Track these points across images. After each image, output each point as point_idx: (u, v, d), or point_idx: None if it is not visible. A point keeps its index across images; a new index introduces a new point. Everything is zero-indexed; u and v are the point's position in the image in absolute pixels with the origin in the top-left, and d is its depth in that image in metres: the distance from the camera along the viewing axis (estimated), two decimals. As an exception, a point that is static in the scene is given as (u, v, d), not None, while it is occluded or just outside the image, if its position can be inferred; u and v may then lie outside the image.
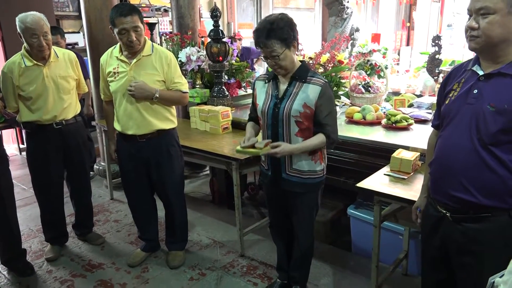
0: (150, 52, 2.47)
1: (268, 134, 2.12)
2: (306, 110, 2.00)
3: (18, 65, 2.58)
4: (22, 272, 2.71)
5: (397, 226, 2.60)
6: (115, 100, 2.55)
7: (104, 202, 3.84)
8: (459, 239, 1.50)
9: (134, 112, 2.48)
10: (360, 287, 2.48)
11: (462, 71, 1.52)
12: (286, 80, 2.06)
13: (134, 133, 2.52)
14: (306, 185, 2.13)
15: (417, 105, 3.29)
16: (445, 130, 1.52)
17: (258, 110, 2.14)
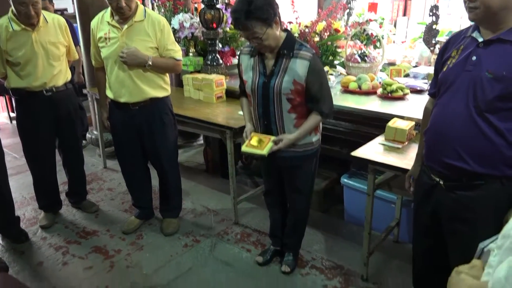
0: (143, 18, 2.40)
1: (259, 112, 2.08)
2: (296, 87, 1.95)
3: (6, 28, 2.50)
4: (16, 239, 2.72)
5: (389, 195, 2.63)
6: (106, 66, 2.49)
7: (97, 171, 3.83)
8: (451, 207, 1.52)
9: (126, 79, 2.43)
10: (352, 254, 2.53)
11: (461, 38, 1.50)
12: (272, 56, 1.99)
13: (127, 101, 2.47)
14: (302, 157, 2.13)
15: (413, 75, 3.27)
16: (441, 97, 1.51)
17: (247, 87, 2.08)
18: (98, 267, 2.48)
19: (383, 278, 2.32)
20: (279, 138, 2.02)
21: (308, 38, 3.48)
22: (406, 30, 5.98)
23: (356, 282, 2.30)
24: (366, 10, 5.29)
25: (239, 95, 2.30)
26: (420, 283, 1.88)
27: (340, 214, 3.03)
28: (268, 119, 2.05)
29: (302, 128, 2.03)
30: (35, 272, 2.45)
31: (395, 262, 2.46)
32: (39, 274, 2.43)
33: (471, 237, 1.51)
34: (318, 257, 2.53)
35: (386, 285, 2.27)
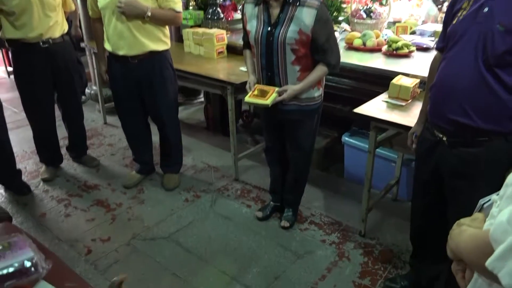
0: None
1: (262, 63, 2.04)
2: (302, 37, 1.90)
3: None
4: (19, 191, 2.75)
5: (390, 154, 2.63)
6: (104, 17, 2.41)
7: (98, 127, 3.82)
8: (453, 163, 1.51)
9: (125, 31, 2.36)
10: (351, 211, 2.56)
11: None
12: (278, 4, 1.92)
13: (126, 53, 2.42)
14: (304, 112, 2.10)
15: (419, 32, 3.18)
16: (450, 51, 1.46)
17: (250, 37, 2.03)
18: (100, 219, 2.52)
19: (381, 234, 2.37)
20: (283, 88, 2.00)
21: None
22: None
23: (353, 238, 2.35)
24: (373, -36, 5.06)
25: (243, 47, 2.25)
26: (417, 239, 1.91)
27: (340, 172, 3.05)
28: (272, 70, 2.01)
29: (308, 79, 2.00)
30: (38, 223, 2.49)
31: (393, 220, 2.50)
32: (42, 225, 2.47)
33: (472, 194, 1.50)
34: (317, 213, 2.57)
35: (384, 240, 2.32)
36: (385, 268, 2.13)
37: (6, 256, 1.13)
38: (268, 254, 2.22)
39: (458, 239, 0.80)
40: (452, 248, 0.81)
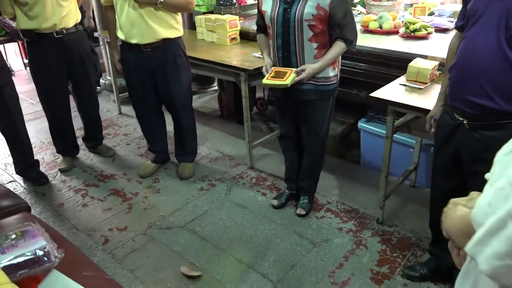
0: None
1: (279, 43, 2.01)
2: (319, 12, 1.87)
3: None
4: (37, 181, 2.79)
5: (408, 139, 2.57)
6: (116, 5, 2.39)
7: (113, 117, 3.83)
8: (474, 147, 1.46)
9: (137, 19, 2.34)
10: (368, 198, 2.52)
11: None
12: None
13: (138, 42, 2.40)
14: (320, 92, 2.08)
15: (438, 13, 3.07)
16: (470, 30, 1.40)
17: (266, 18, 2.00)
18: (116, 209, 2.53)
19: (399, 221, 2.32)
20: (301, 68, 1.98)
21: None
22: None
23: (371, 225, 2.31)
24: None
25: (256, 32, 2.22)
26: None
27: (356, 159, 3.00)
28: (288, 49, 1.99)
29: (326, 57, 1.98)
30: (56, 212, 2.52)
31: (412, 206, 2.44)
32: (60, 215, 2.50)
33: (494, 179, 1.47)
34: (333, 200, 2.53)
35: (402, 227, 2.27)
36: (403, 256, 2.09)
37: (18, 245, 1.14)
38: (284, 243, 2.20)
39: (449, 219, 0.76)
40: (445, 228, 0.78)
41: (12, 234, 1.22)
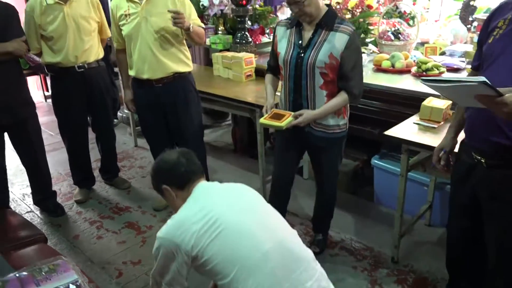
0: None
1: (290, 86, 2.03)
2: (332, 61, 1.90)
3: (40, 3, 2.57)
4: (53, 212, 2.83)
5: (422, 177, 2.57)
6: (128, 44, 2.49)
7: (129, 149, 3.91)
8: (492, 186, 1.46)
9: (148, 55, 2.43)
10: (382, 236, 2.50)
11: (509, 7, 1.41)
12: (311, 28, 1.94)
13: (150, 77, 2.46)
14: (330, 140, 2.09)
15: (449, 53, 3.14)
16: (486, 71, 1.43)
17: (279, 59, 2.04)
18: (131, 242, 2.55)
19: (414, 261, 2.29)
20: (299, 112, 1.97)
21: (339, 15, 3.39)
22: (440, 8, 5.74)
23: (386, 264, 2.28)
24: (399, -14, 5.06)
25: (266, 70, 2.25)
26: (453, 267, 1.83)
27: (370, 196, 2.99)
28: (300, 93, 2.01)
29: (327, 105, 1.97)
30: (71, 244, 2.55)
31: (427, 246, 2.42)
32: (75, 246, 2.53)
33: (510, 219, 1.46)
34: (348, 238, 2.52)
35: (418, 267, 2.24)
36: (420, 296, 2.05)
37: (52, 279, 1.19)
38: (298, 280, 2.18)
39: None
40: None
41: (44, 267, 1.27)
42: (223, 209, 1.41)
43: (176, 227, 1.36)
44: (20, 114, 2.50)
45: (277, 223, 1.48)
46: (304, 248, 1.46)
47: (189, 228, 1.34)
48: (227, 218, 1.37)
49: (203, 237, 1.32)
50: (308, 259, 1.43)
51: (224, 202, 1.45)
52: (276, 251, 1.35)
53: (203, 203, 1.43)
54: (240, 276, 1.30)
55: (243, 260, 1.31)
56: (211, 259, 1.32)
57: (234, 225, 1.36)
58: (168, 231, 1.37)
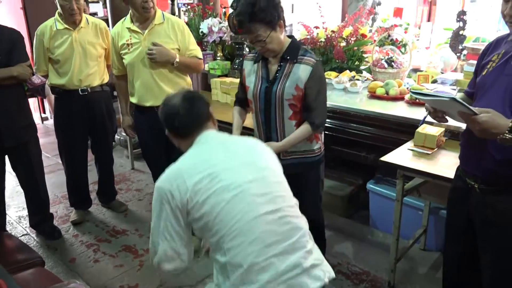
0: (162, 20, 2.45)
1: (261, 119, 2.03)
2: (299, 93, 1.91)
3: (50, 28, 2.65)
4: (50, 235, 2.82)
5: (417, 202, 2.62)
6: (130, 73, 2.52)
7: (125, 172, 3.92)
8: (485, 211, 1.50)
9: (151, 83, 2.46)
10: (378, 260, 2.52)
11: (503, 42, 1.49)
12: (276, 61, 1.96)
13: (152, 104, 2.47)
14: (305, 164, 2.06)
15: (441, 81, 3.24)
16: (479, 101, 1.50)
17: (249, 93, 2.04)
18: (128, 265, 2.55)
19: (410, 285, 2.32)
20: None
21: (334, 43, 3.50)
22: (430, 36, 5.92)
23: (382, 288, 2.30)
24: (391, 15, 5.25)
25: (234, 103, 2.25)
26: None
27: (365, 220, 3.02)
28: (269, 126, 2.01)
29: (290, 137, 1.97)
30: (68, 268, 2.53)
31: (423, 270, 2.45)
32: (72, 270, 2.52)
33: (506, 245, 1.50)
34: (344, 262, 2.54)
35: (413, 292, 2.26)
36: (417, 321, 2.07)
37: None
38: (296, 304, 2.18)
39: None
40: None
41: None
42: (226, 165, 1.35)
43: (173, 178, 1.34)
44: (23, 137, 2.54)
45: (280, 191, 1.42)
46: (300, 221, 1.42)
47: (186, 179, 1.31)
48: (228, 175, 1.33)
49: (199, 192, 1.30)
50: (302, 233, 1.38)
51: (228, 157, 1.39)
52: (271, 218, 1.32)
53: (205, 156, 1.39)
54: (227, 237, 1.29)
55: (234, 221, 1.29)
56: (204, 215, 1.30)
57: (234, 184, 1.32)
58: (165, 180, 1.36)
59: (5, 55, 2.36)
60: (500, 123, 1.28)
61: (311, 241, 1.42)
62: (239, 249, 1.28)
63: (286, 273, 1.29)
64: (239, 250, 1.28)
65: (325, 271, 1.38)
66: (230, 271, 1.30)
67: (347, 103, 2.87)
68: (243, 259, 1.28)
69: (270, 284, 1.27)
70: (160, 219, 1.35)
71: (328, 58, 3.54)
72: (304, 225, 1.43)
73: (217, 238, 1.30)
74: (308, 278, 1.31)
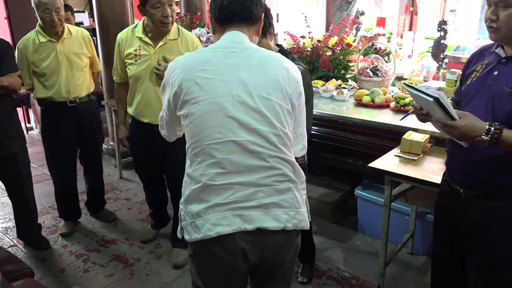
0: (177, 36, 2.33)
1: None
2: None
3: (33, 41, 2.62)
4: (38, 246, 2.79)
5: (404, 207, 2.68)
6: (133, 84, 2.38)
7: (114, 181, 3.90)
8: (471, 215, 1.56)
9: (153, 100, 2.33)
10: (367, 265, 2.57)
11: (487, 53, 1.56)
12: None
13: (150, 121, 2.37)
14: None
15: (424, 89, 3.33)
16: (463, 109, 1.56)
17: None
18: (118, 275, 2.53)
19: (399, 289, 2.36)
20: None
21: (320, 52, 3.57)
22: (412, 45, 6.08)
23: (372, 292, 2.35)
24: (374, 25, 5.38)
25: None
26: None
27: (353, 225, 3.07)
28: None
29: None
30: (57, 278, 2.51)
31: (411, 274, 2.50)
32: (61, 280, 2.49)
33: (490, 247, 1.56)
34: (334, 267, 2.57)
35: (402, 295, 2.31)
36: (406, 324, 2.11)
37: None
38: (288, 310, 2.21)
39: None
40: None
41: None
42: (228, 78, 1.28)
43: (184, 66, 1.33)
44: (12, 148, 2.51)
45: (268, 120, 1.29)
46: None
47: (190, 73, 1.30)
48: (222, 90, 1.27)
49: (194, 92, 1.28)
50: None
51: (235, 72, 1.29)
52: (243, 145, 1.27)
53: (216, 58, 1.31)
54: (195, 145, 1.33)
55: (204, 137, 1.29)
56: (188, 117, 1.32)
57: (223, 103, 1.26)
58: (176, 66, 1.35)
59: (-6, 66, 2.35)
60: (477, 126, 1.35)
61: (290, 184, 1.33)
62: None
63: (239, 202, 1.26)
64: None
65: (291, 217, 1.31)
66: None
67: (334, 111, 2.94)
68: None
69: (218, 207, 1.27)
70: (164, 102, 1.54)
71: (314, 67, 3.60)
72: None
73: (187, 145, 1.41)
74: (264, 214, 1.28)
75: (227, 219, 1.26)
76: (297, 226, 1.33)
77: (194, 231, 1.29)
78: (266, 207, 1.28)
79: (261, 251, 1.31)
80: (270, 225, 1.28)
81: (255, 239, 1.29)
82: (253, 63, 1.33)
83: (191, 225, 1.30)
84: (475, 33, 5.10)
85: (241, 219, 1.26)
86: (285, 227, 1.30)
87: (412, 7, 10.69)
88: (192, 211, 1.30)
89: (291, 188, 1.33)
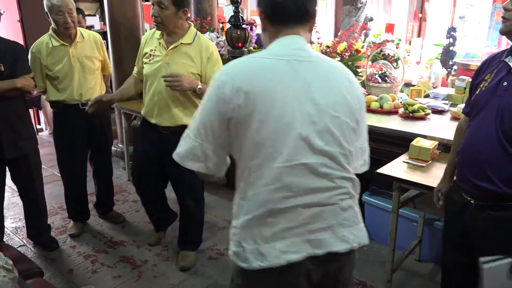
0: (191, 41, 2.33)
1: None
2: None
3: (46, 45, 2.66)
4: (47, 246, 2.82)
5: (411, 213, 2.68)
6: (145, 83, 2.44)
7: (122, 183, 3.94)
8: (482, 225, 1.56)
9: (161, 102, 2.36)
10: (374, 271, 2.56)
11: (496, 62, 1.55)
12: None
13: (157, 123, 2.40)
14: None
15: (433, 95, 3.33)
16: (474, 120, 1.57)
17: None
18: (126, 276, 2.55)
19: (406, 295, 2.36)
20: None
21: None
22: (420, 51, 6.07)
23: (379, 298, 2.34)
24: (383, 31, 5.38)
25: None
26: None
27: (361, 231, 3.07)
28: None
29: None
30: (66, 279, 2.53)
31: (418, 281, 2.49)
32: (70, 281, 2.51)
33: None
34: (341, 272, 2.57)
35: (409, 302, 2.30)
36: (413, 331, 2.10)
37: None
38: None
39: None
40: None
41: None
42: (297, 93, 1.17)
43: (231, 77, 1.20)
44: (24, 149, 2.55)
45: (337, 140, 1.22)
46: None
47: (255, 83, 1.16)
48: (291, 107, 1.16)
49: (261, 104, 1.15)
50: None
51: (302, 86, 1.19)
52: (313, 168, 1.18)
53: (280, 68, 1.19)
54: (257, 167, 1.19)
55: (271, 159, 1.17)
56: (247, 135, 1.18)
57: (293, 121, 1.16)
58: (232, 76, 1.20)
59: (8, 67, 2.38)
60: None
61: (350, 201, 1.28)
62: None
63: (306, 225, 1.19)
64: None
65: (355, 235, 1.25)
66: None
67: (343, 116, 2.94)
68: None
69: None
70: (200, 112, 1.31)
71: (323, 73, 3.61)
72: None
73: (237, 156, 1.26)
74: (332, 237, 1.21)
75: (296, 245, 1.19)
76: (360, 244, 1.27)
77: (257, 258, 1.18)
78: (333, 228, 1.22)
79: (326, 270, 1.26)
80: (340, 248, 1.22)
81: (322, 261, 1.23)
82: (320, 75, 1.22)
83: (253, 252, 1.19)
84: (485, 40, 5.08)
85: (310, 244, 1.20)
86: (352, 247, 1.24)
87: (421, 13, 10.68)
88: (254, 237, 1.20)
89: (351, 205, 1.28)
